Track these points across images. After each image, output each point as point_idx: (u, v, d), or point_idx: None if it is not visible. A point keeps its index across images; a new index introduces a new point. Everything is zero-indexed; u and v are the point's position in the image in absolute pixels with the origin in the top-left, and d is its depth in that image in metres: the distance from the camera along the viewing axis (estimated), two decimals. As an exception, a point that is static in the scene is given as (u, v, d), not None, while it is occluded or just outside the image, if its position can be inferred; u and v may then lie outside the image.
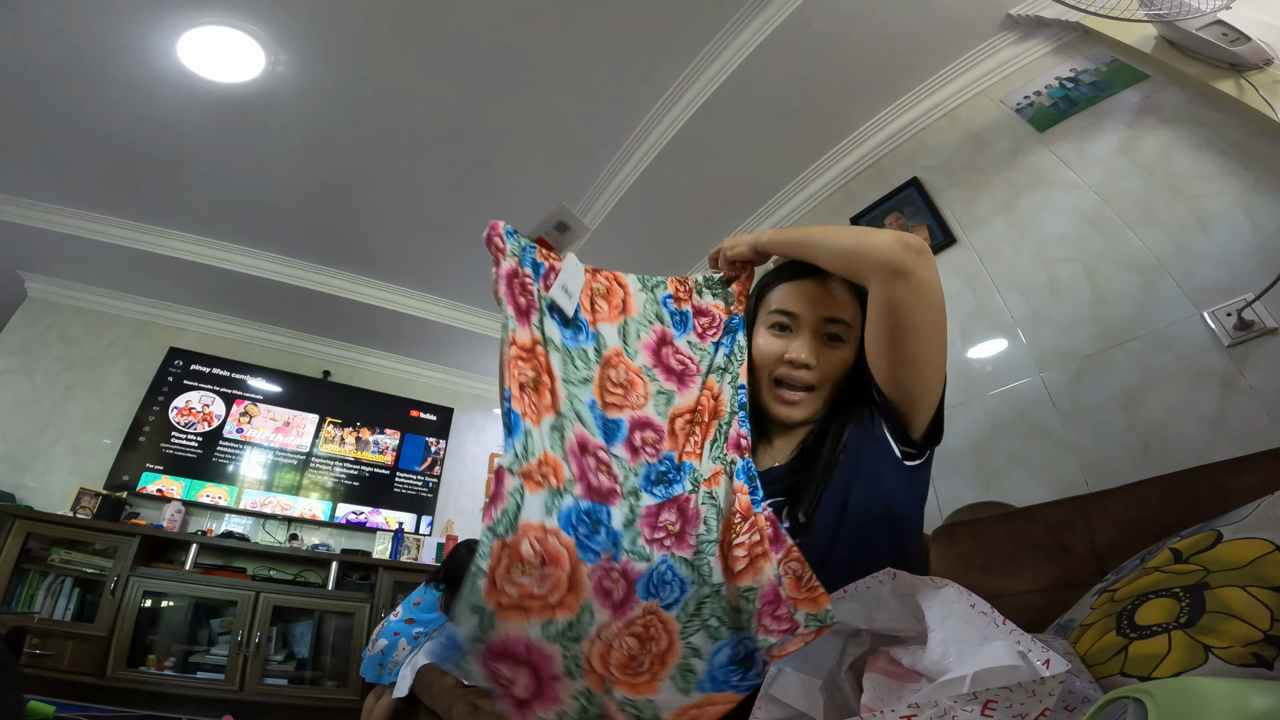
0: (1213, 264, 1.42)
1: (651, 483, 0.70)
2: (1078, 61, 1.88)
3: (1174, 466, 1.10)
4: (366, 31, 2.19)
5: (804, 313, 0.83)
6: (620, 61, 2.27)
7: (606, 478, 0.67)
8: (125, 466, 3.45)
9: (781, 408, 0.83)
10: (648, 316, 0.85)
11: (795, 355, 0.81)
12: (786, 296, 0.85)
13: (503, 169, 2.81)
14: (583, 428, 0.68)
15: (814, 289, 0.84)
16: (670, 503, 0.68)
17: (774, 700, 0.56)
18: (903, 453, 0.76)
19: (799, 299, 0.84)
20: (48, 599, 2.85)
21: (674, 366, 0.82)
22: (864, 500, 0.73)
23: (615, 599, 0.59)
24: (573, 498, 0.61)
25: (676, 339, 0.85)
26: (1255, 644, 0.49)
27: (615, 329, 0.81)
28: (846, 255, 0.77)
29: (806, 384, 0.81)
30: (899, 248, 0.70)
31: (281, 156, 2.78)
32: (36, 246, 3.35)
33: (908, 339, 0.72)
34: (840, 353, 0.83)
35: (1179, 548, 0.66)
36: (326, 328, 4.18)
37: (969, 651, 0.46)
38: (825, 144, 2.54)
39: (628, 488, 0.68)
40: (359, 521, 3.93)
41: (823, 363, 0.82)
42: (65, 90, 2.44)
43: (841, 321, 0.83)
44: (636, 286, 0.87)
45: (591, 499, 0.63)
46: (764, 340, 0.85)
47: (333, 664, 3.30)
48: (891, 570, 0.58)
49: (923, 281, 0.70)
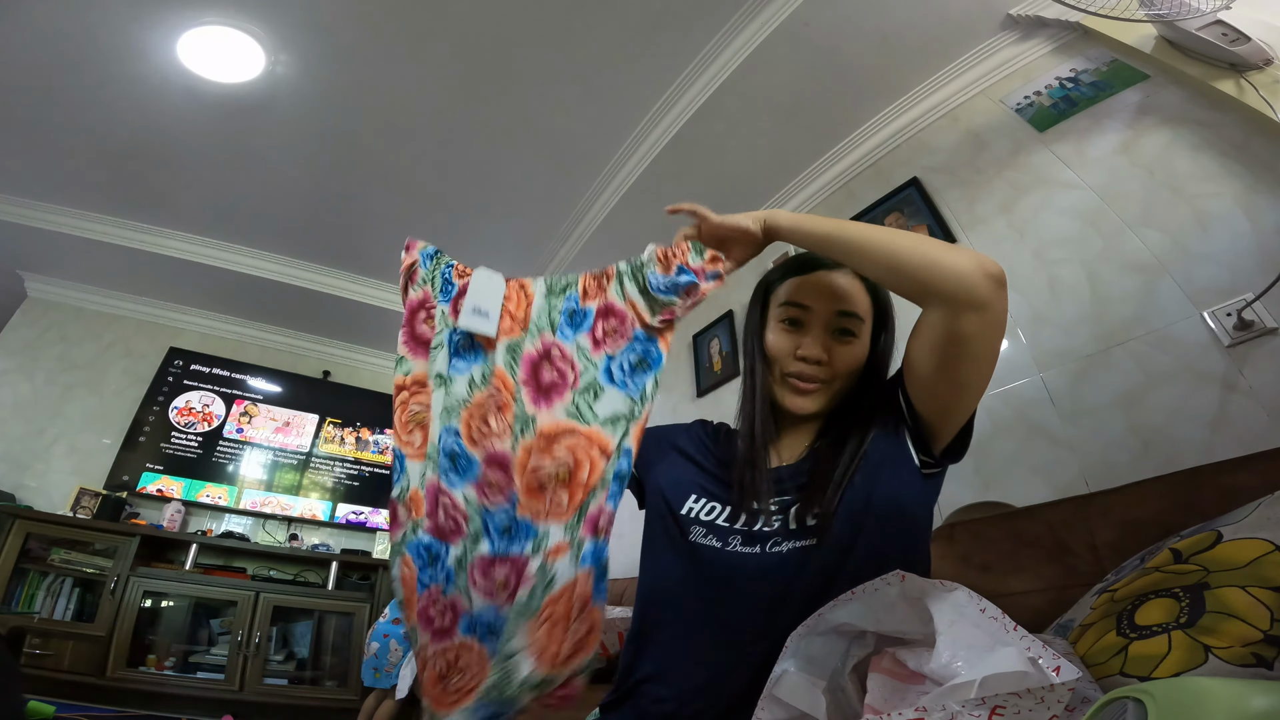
0: (1213, 264, 1.42)
1: (497, 531, 0.64)
2: (1078, 61, 1.88)
3: (1174, 467, 1.10)
4: (367, 32, 2.19)
5: (816, 306, 0.81)
6: (620, 61, 2.27)
7: (452, 517, 0.64)
8: (125, 466, 3.45)
9: (795, 398, 0.81)
10: (539, 325, 0.71)
11: (808, 351, 0.79)
12: (797, 289, 0.83)
13: (503, 169, 2.81)
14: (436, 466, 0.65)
15: (825, 281, 0.82)
16: (505, 559, 0.62)
17: (777, 701, 0.56)
18: (921, 461, 0.75)
19: (810, 291, 0.82)
20: (48, 599, 2.85)
21: (544, 381, 0.69)
22: (884, 506, 0.71)
23: (436, 626, 0.64)
24: (423, 531, 0.65)
25: (565, 343, 0.70)
26: (1255, 644, 0.49)
27: (504, 346, 0.69)
28: (907, 272, 0.67)
29: (818, 379, 0.80)
30: (981, 277, 0.63)
31: (281, 156, 2.78)
32: (36, 246, 3.35)
33: (965, 366, 0.68)
34: (853, 348, 0.81)
35: (1179, 548, 0.66)
36: (326, 328, 4.18)
37: (978, 656, 0.46)
38: (825, 144, 2.54)
39: (471, 529, 0.64)
40: (359, 521, 3.93)
41: (835, 358, 0.80)
42: (65, 90, 2.44)
43: (854, 315, 0.81)
44: (541, 291, 0.74)
45: (433, 535, 0.65)
46: (775, 336, 0.83)
47: (333, 664, 3.31)
48: (900, 572, 0.57)
49: (999, 314, 0.65)
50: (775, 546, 0.71)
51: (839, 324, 0.81)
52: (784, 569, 0.70)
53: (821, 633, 0.60)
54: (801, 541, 0.70)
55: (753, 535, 0.73)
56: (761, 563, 0.71)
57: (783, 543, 0.71)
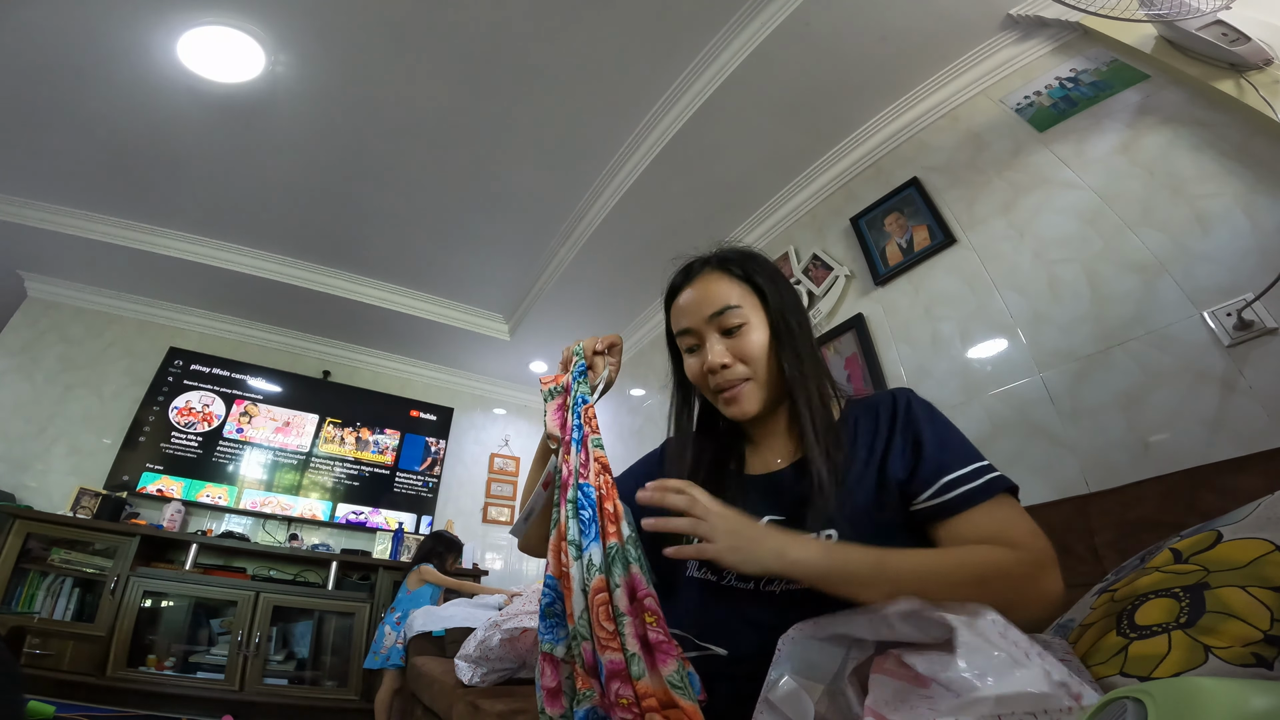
0: (1213, 264, 1.42)
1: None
2: (1078, 61, 1.88)
3: (1174, 467, 1.10)
4: (366, 32, 2.19)
5: (694, 323, 0.82)
6: (620, 61, 2.27)
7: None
8: (125, 466, 3.45)
9: (730, 407, 0.81)
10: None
11: (710, 363, 0.80)
12: (675, 318, 0.86)
13: (503, 169, 2.81)
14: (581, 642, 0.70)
15: (689, 298, 0.84)
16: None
17: (773, 707, 0.56)
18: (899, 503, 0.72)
19: (683, 314, 0.84)
20: (48, 599, 2.85)
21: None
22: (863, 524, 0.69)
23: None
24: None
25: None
26: (1255, 644, 0.49)
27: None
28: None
29: (739, 379, 0.80)
30: (1046, 605, 0.62)
31: (281, 156, 2.78)
32: (37, 246, 3.35)
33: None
34: (749, 336, 0.80)
35: (1179, 548, 0.66)
36: (326, 328, 4.18)
37: (999, 672, 0.46)
38: (825, 144, 2.54)
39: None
40: (359, 521, 3.93)
41: (738, 354, 0.80)
42: (66, 90, 2.44)
43: (729, 309, 0.80)
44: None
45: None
46: (686, 365, 0.86)
47: (333, 664, 3.31)
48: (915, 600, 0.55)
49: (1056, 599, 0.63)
50: (768, 585, 0.71)
51: (721, 324, 0.81)
52: (780, 601, 0.69)
53: (820, 638, 0.59)
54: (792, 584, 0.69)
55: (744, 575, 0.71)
56: (758, 597, 0.71)
57: (775, 581, 0.70)
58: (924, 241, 2.12)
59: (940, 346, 1.99)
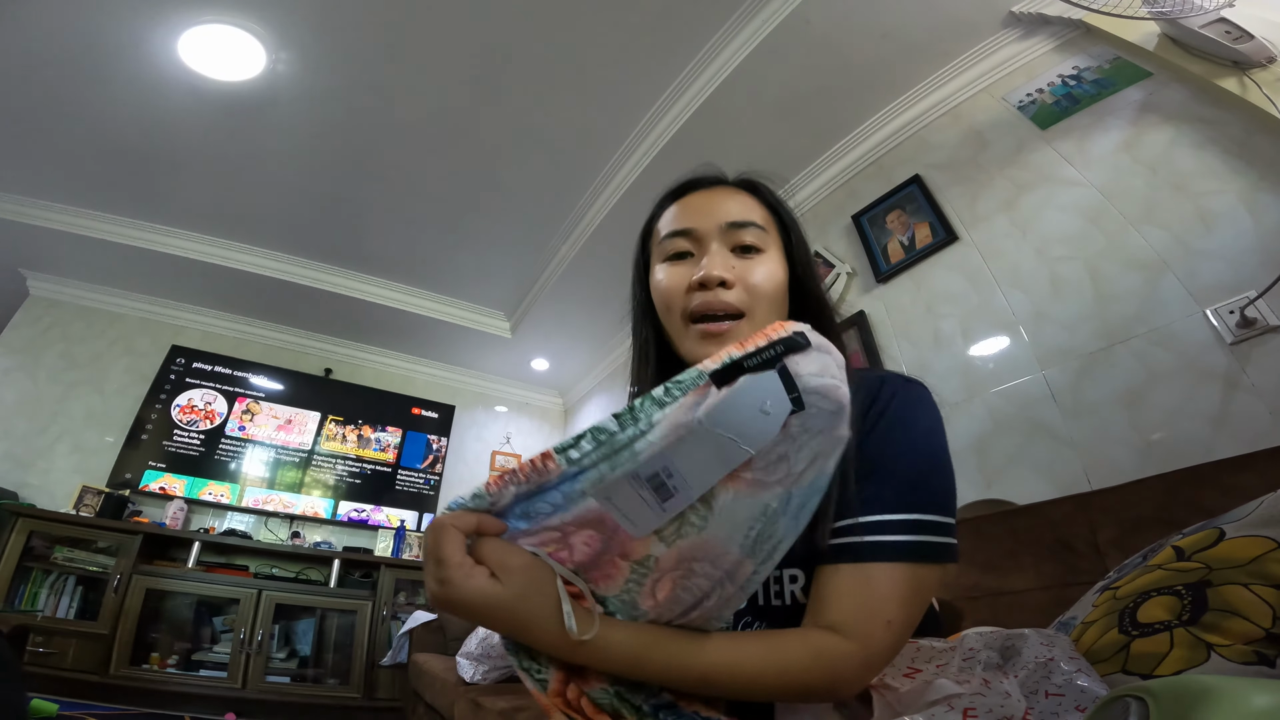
0: (1215, 261, 1.42)
1: None
2: (1080, 59, 1.87)
3: (1176, 464, 1.10)
4: (367, 30, 2.19)
5: (701, 224, 0.64)
6: (620, 60, 2.27)
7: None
8: (128, 464, 3.46)
9: (706, 346, 0.60)
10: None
11: (707, 273, 0.60)
12: (676, 217, 0.68)
13: (503, 167, 2.81)
14: None
15: (704, 199, 0.68)
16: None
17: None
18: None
19: (690, 213, 0.67)
20: (51, 597, 2.86)
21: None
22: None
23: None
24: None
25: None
26: (1258, 642, 0.49)
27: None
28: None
29: (732, 308, 0.60)
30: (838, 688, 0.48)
31: (283, 154, 2.79)
32: (38, 244, 3.35)
33: None
34: (764, 264, 0.63)
35: (1181, 545, 0.66)
36: (328, 325, 4.18)
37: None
38: (826, 142, 2.53)
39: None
40: (361, 519, 3.93)
41: (744, 277, 0.61)
42: (66, 88, 2.44)
43: (752, 224, 0.64)
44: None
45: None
46: (663, 275, 0.65)
47: (335, 662, 3.31)
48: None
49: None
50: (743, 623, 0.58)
51: (736, 238, 0.63)
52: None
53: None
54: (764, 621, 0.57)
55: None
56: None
57: (753, 622, 0.57)
58: (926, 239, 2.12)
59: (942, 344, 1.99)
